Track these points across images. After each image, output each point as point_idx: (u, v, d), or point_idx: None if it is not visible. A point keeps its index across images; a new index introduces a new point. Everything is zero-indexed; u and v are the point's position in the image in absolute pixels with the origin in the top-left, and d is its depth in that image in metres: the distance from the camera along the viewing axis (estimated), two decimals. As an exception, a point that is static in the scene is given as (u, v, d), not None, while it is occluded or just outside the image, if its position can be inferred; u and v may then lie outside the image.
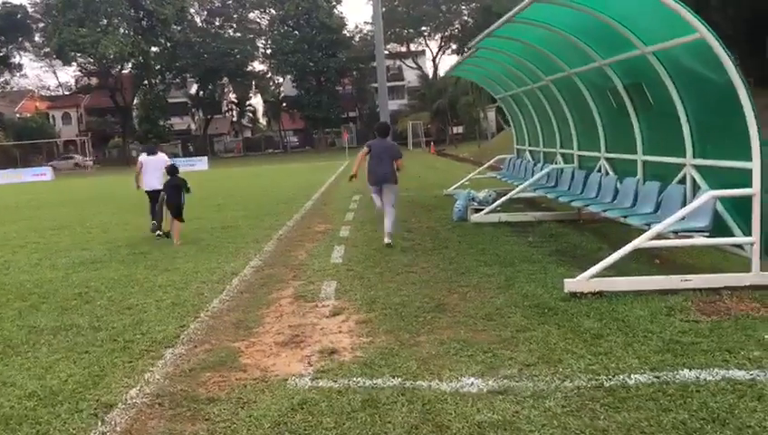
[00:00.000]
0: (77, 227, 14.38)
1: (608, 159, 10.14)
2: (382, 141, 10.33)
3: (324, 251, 9.72)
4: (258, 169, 39.99)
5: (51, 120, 78.11)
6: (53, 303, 7.33)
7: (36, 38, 71.53)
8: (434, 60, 77.42)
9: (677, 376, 4.40)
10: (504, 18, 8.84)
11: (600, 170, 10.31)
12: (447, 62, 79.67)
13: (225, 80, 76.52)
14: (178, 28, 69.81)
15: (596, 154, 10.51)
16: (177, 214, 11.37)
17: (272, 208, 15.88)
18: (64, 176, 48.96)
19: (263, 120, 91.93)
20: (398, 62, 78.03)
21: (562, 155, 12.74)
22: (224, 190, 22.70)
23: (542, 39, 9.84)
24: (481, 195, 12.36)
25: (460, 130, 64.38)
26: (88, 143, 64.80)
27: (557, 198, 10.91)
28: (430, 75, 75.05)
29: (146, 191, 12.55)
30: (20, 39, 70.67)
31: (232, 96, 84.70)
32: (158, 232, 11.92)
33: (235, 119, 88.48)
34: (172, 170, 11.71)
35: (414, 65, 76.75)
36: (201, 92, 75.65)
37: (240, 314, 6.58)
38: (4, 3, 68.65)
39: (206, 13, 73.99)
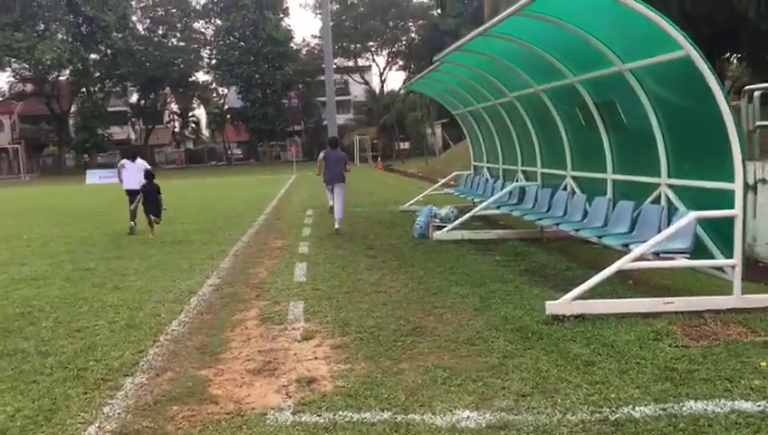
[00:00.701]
0: (14, 240, 13.51)
1: (574, 178, 10.04)
2: (334, 151, 13.46)
3: (286, 268, 9.29)
4: (204, 181, 39.01)
5: (-19, 126, 74.88)
6: (-7, 325, 6.70)
7: (-32, 41, 68.49)
8: (381, 75, 77.65)
9: (684, 408, 4.17)
10: (478, 31, 8.66)
11: (565, 189, 10.19)
12: (394, 77, 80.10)
13: (168, 89, 74.92)
14: (120, 35, 67.92)
15: (561, 172, 10.41)
16: (156, 213, 13.44)
17: (223, 223, 15.30)
18: (-4, 185, 46.79)
19: (206, 132, 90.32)
20: (344, 77, 77.88)
21: (524, 172, 12.64)
22: (171, 203, 21.76)
23: (510, 54, 9.70)
24: (443, 212, 12.13)
25: (406, 145, 64.55)
26: (21, 151, 62.22)
27: (522, 216, 10.75)
28: (377, 90, 75.16)
29: (126, 190, 14.45)
30: (-50, 42, 67.52)
31: (174, 106, 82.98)
32: (132, 223, 13.86)
33: (177, 129, 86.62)
34: (148, 175, 13.77)
35: (361, 80, 76.77)
36: (142, 102, 73.74)
37: (203, 337, 6.11)
38: (-67, 4, 65.63)
39: (148, 21, 72.36)
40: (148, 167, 14.57)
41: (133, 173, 14.20)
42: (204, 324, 6.55)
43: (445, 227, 11.65)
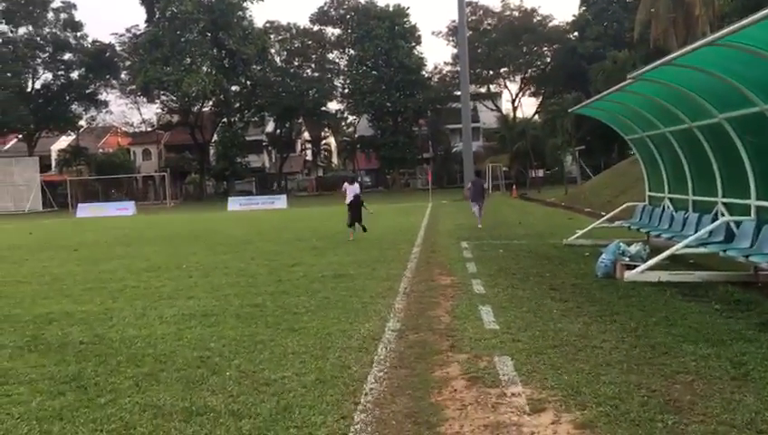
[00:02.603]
0: (174, 269, 13.41)
1: (811, 213, 8.43)
2: (477, 179, 23.45)
3: (469, 312, 8.28)
4: (339, 208, 38.92)
5: (132, 155, 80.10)
6: (174, 370, 6.12)
7: (123, 75, 73.71)
8: (513, 101, 76.04)
9: None
10: (701, 43, 7.40)
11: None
12: (525, 103, 78.21)
13: (301, 119, 77.03)
14: (259, 68, 70.77)
15: (792, 206, 8.81)
16: (359, 220, 18.52)
17: (378, 254, 14.59)
18: (145, 211, 49.28)
19: (336, 160, 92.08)
20: (474, 103, 76.99)
21: (726, 205, 11.02)
22: (312, 231, 21.65)
23: (727, 66, 8.33)
24: (632, 249, 10.74)
25: (540, 173, 62.48)
26: (167, 179, 65.72)
27: (739, 257, 9.17)
28: (509, 117, 73.61)
29: (346, 203, 19.40)
30: (107, 76, 72.91)
31: (306, 135, 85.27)
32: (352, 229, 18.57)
33: (309, 157, 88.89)
34: (357, 196, 18.88)
35: (492, 107, 75.53)
36: (278, 131, 76.15)
37: (407, 400, 5.20)
38: (93, 41, 71.24)
39: (286, 53, 74.86)
40: (359, 191, 19.93)
41: (350, 192, 19.42)
42: (403, 383, 5.65)
43: (636, 266, 10.27)
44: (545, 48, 71.20)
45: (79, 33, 70.58)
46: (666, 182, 13.99)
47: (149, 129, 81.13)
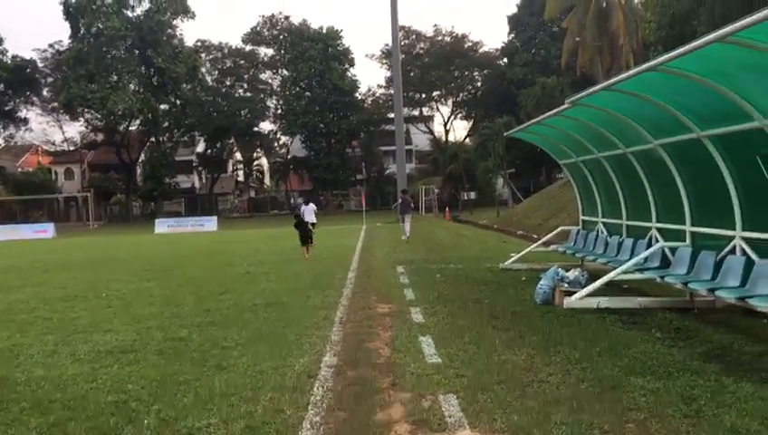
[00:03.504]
0: (92, 299, 12.54)
1: (747, 239, 8.42)
2: (404, 197, 27.09)
3: (409, 344, 7.89)
4: (272, 231, 38.16)
5: (53, 175, 76.89)
6: (84, 419, 5.48)
7: (44, 92, 70.87)
8: (445, 124, 76.92)
9: None
10: (639, 69, 7.31)
11: (733, 252, 8.58)
12: (457, 126, 79.22)
13: (233, 139, 75.71)
14: (189, 87, 69.24)
15: (726, 232, 8.81)
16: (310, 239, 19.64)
17: (311, 280, 14.06)
18: (66, 233, 47.10)
19: (268, 181, 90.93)
20: (407, 126, 77.49)
21: (660, 230, 11.05)
22: (245, 255, 20.92)
23: (667, 92, 8.31)
24: (571, 275, 10.59)
25: (472, 195, 63.16)
26: (90, 200, 63.25)
27: (678, 284, 9.10)
28: (441, 140, 74.38)
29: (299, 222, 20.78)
30: (28, 93, 69.94)
31: (238, 155, 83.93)
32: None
33: (240, 178, 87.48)
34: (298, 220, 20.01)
35: (424, 129, 76.20)
36: (209, 151, 74.59)
37: (348, 449, 4.76)
38: (13, 57, 68.17)
39: (217, 72, 73.57)
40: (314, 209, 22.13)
41: (307, 213, 20.96)
42: (343, 428, 5.20)
43: (574, 292, 10.13)
44: (476, 73, 72.34)
45: (-2, 49, 67.52)
46: (599, 207, 14.05)
47: (72, 147, 78.18)
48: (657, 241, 10.92)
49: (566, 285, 10.41)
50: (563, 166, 15.54)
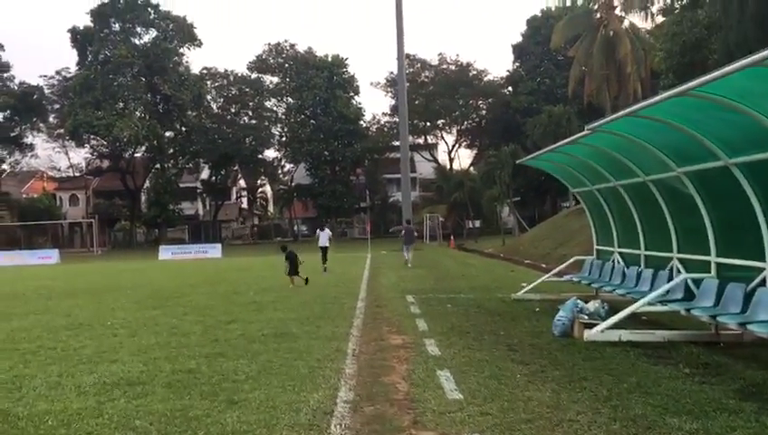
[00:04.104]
0: (97, 327, 12.24)
1: (777, 271, 8.13)
2: (408, 226, 30.59)
3: (428, 378, 7.57)
4: (276, 258, 37.68)
5: (58, 201, 76.90)
6: (90, 458, 5.17)
7: (51, 119, 71.15)
8: (449, 152, 76.92)
9: None
10: (665, 96, 7.11)
11: (764, 284, 8.28)
12: (461, 155, 79.19)
13: (237, 166, 75.75)
14: (194, 114, 69.54)
15: (756, 264, 8.51)
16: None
17: (321, 310, 13.75)
18: (71, 259, 46.83)
19: (272, 208, 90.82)
20: (410, 154, 77.48)
21: (681, 261, 10.76)
22: (250, 283, 20.63)
23: (696, 120, 8.08)
24: (591, 306, 10.30)
25: (477, 224, 62.93)
26: (95, 226, 63.10)
27: (712, 318, 8.74)
28: (446, 168, 74.32)
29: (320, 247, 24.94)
30: (34, 119, 70.27)
31: (242, 182, 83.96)
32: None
33: (244, 205, 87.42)
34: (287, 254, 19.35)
35: (429, 157, 76.22)
36: (213, 178, 74.59)
37: (371, 494, 4.43)
38: (21, 83, 68.65)
39: (222, 99, 73.84)
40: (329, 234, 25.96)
41: (322, 239, 24.78)
42: (364, 470, 4.88)
43: (595, 324, 9.81)
44: (480, 101, 72.52)
45: (5, 75, 67.95)
46: (615, 236, 13.76)
47: (78, 174, 78.32)
48: (679, 272, 10.63)
49: (586, 317, 10.12)
50: (577, 194, 15.30)
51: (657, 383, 7.14)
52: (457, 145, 76.97)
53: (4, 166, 72.50)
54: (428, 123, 74.23)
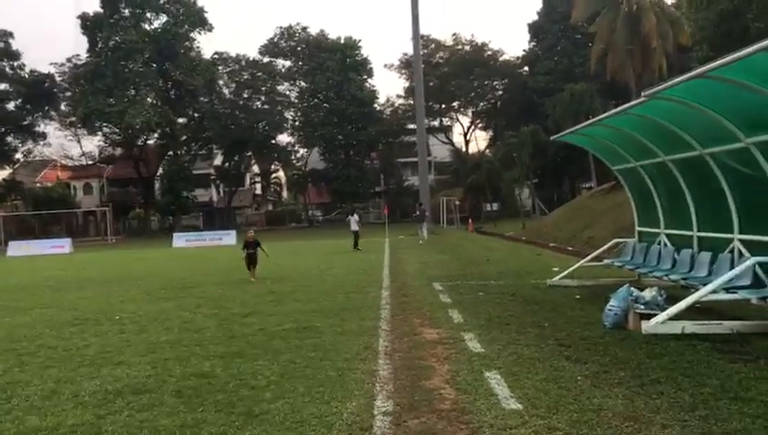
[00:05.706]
0: (104, 322, 11.37)
1: None
2: (420, 207, 38.97)
3: (475, 382, 6.58)
4: (292, 244, 36.94)
5: (71, 190, 76.44)
6: (81, 495, 4.24)
7: (62, 107, 70.50)
8: (465, 135, 75.60)
9: None
10: (752, 49, 6.02)
11: None
12: (478, 137, 77.88)
13: (251, 152, 74.89)
14: (206, 99, 68.65)
15: None
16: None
17: (344, 300, 12.81)
18: (84, 248, 46.23)
19: (286, 194, 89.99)
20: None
21: (744, 243, 9.67)
22: (267, 272, 19.67)
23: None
24: (647, 295, 9.24)
25: (494, 206, 61.73)
26: (109, 214, 62.55)
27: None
28: (461, 150, 73.07)
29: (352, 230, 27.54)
30: (46, 108, 69.66)
31: (255, 168, 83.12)
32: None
33: (258, 191, 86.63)
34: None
35: (444, 140, 74.94)
36: (226, 164, 73.78)
37: None
38: (31, 71, 67.98)
39: (234, 84, 72.78)
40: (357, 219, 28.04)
41: (353, 222, 27.22)
42: (419, 511, 3.91)
43: (652, 314, 8.78)
44: (496, 82, 71.07)
45: (16, 63, 67.22)
46: (661, 217, 12.66)
47: (90, 162, 77.79)
48: (742, 255, 9.55)
49: (642, 306, 9.06)
50: (617, 172, 14.17)
51: (745, 387, 6.11)
52: (473, 127, 75.62)
53: (18, 155, 72.03)
54: (443, 105, 72.89)
